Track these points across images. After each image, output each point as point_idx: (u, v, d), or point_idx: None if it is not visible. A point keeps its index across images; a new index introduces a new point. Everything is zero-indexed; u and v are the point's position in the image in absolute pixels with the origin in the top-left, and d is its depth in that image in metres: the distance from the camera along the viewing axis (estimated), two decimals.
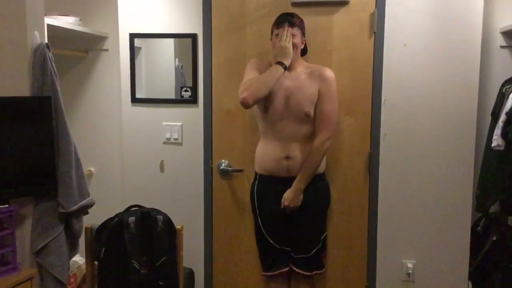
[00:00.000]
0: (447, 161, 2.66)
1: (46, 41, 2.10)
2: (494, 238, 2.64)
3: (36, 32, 2.00)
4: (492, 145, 2.49)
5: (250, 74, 2.43)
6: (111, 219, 2.27)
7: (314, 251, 2.50)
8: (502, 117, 2.45)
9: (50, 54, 2.00)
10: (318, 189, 2.51)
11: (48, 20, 2.30)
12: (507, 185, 2.52)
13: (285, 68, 2.35)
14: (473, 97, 2.61)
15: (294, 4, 2.65)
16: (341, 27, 2.65)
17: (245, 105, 2.33)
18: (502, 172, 2.53)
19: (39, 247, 1.98)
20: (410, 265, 2.73)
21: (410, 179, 2.70)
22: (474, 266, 2.73)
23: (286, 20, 2.41)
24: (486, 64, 2.76)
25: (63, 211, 2.01)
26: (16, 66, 1.95)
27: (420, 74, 2.63)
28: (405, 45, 2.62)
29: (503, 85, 2.65)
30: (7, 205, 1.90)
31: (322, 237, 2.56)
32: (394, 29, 2.61)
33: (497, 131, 2.47)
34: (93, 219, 2.32)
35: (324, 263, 2.64)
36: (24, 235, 2.00)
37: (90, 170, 3.08)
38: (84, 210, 2.12)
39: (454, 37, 2.58)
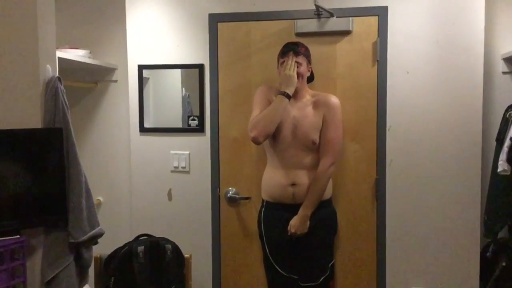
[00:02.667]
0: (453, 186, 2.66)
1: (57, 74, 2.15)
2: (504, 264, 2.62)
3: (48, 65, 2.05)
4: (498, 170, 2.50)
5: (258, 106, 2.48)
6: (120, 248, 2.29)
7: (322, 279, 2.48)
8: (507, 142, 2.47)
9: (62, 87, 2.05)
10: (324, 215, 2.52)
11: (60, 54, 2.37)
12: None
13: (289, 97, 2.39)
14: (477, 122, 2.63)
15: (298, 34, 2.71)
16: (344, 55, 2.70)
17: (256, 142, 2.39)
18: (509, 197, 2.53)
19: (50, 277, 1.99)
20: None
21: (418, 205, 2.70)
22: None
23: (291, 49, 2.46)
24: (489, 90, 2.79)
25: (73, 241, 2.02)
26: (29, 99, 2.00)
27: (424, 101, 2.66)
28: (408, 72, 2.66)
29: (506, 110, 2.67)
30: (18, 236, 1.92)
31: (330, 264, 2.55)
32: (396, 57, 2.66)
33: (503, 156, 2.48)
34: (103, 248, 2.33)
35: None
36: (34, 265, 2.01)
37: (99, 199, 3.11)
38: (94, 240, 2.13)
39: (456, 64, 2.63)
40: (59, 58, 2.32)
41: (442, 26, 2.63)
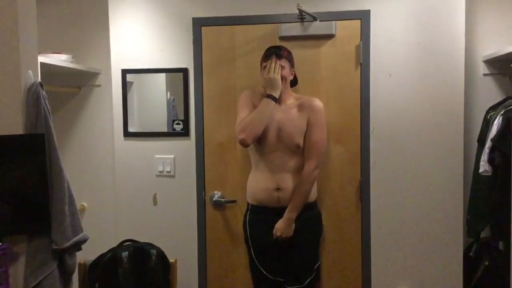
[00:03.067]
0: (437, 187, 2.70)
1: (39, 79, 2.13)
2: (486, 263, 2.66)
3: (29, 71, 2.02)
4: (480, 170, 2.54)
5: (244, 109, 2.49)
6: (104, 254, 2.27)
7: (307, 281, 2.49)
8: (488, 143, 2.51)
9: (44, 92, 2.03)
10: (309, 218, 2.53)
11: (42, 59, 2.34)
12: (496, 210, 2.55)
13: (275, 100, 2.40)
14: (459, 124, 2.67)
15: (282, 38, 2.73)
16: (328, 59, 2.73)
17: (245, 145, 2.40)
18: (490, 197, 2.57)
19: (33, 284, 1.96)
20: None
21: (401, 206, 2.73)
22: None
23: (273, 52, 2.48)
24: (470, 91, 2.84)
25: (56, 247, 2.00)
26: (10, 105, 1.97)
27: (406, 103, 2.69)
28: (390, 75, 2.69)
29: (487, 112, 2.72)
30: (0, 243, 1.90)
31: (316, 266, 2.56)
32: (379, 60, 2.69)
33: (484, 157, 2.52)
34: (87, 254, 2.31)
35: None
36: (17, 273, 1.98)
37: (83, 205, 3.08)
38: (78, 246, 2.10)
39: (438, 66, 2.66)
40: (41, 63, 2.30)
41: (423, 29, 2.67)
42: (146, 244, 2.36)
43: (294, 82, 2.62)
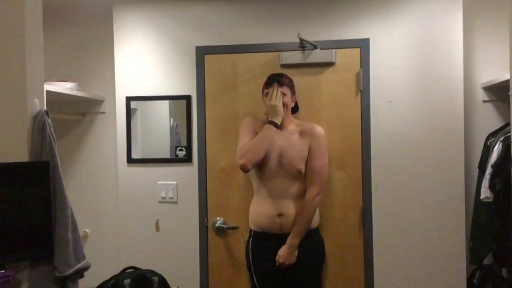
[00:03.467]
0: (438, 213, 2.70)
1: (45, 107, 2.17)
2: None
3: (36, 100, 2.07)
4: (481, 197, 2.54)
5: (245, 135, 2.52)
6: (106, 281, 2.26)
7: None
8: (488, 169, 2.51)
9: (49, 120, 2.06)
10: (312, 244, 2.53)
11: (48, 87, 2.39)
12: (498, 237, 2.55)
13: (277, 126, 2.43)
14: (459, 150, 2.68)
15: (284, 66, 2.78)
16: (328, 86, 2.77)
17: (245, 170, 2.42)
18: (492, 223, 2.57)
19: None
20: None
21: (404, 232, 2.73)
22: None
23: (275, 80, 2.52)
24: (470, 118, 2.86)
25: (59, 275, 2.00)
26: (16, 133, 2.01)
27: (407, 129, 2.72)
28: (390, 101, 2.72)
29: (487, 138, 2.74)
30: (3, 270, 1.90)
31: None
32: (379, 87, 2.73)
33: (485, 183, 2.52)
34: (89, 281, 2.31)
35: None
36: None
37: (86, 231, 3.09)
38: (80, 273, 2.11)
39: (437, 93, 2.70)
40: (47, 91, 2.33)
41: (423, 56, 2.71)
42: (148, 271, 2.36)
43: (295, 109, 2.65)
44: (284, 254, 2.43)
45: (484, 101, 2.89)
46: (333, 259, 2.75)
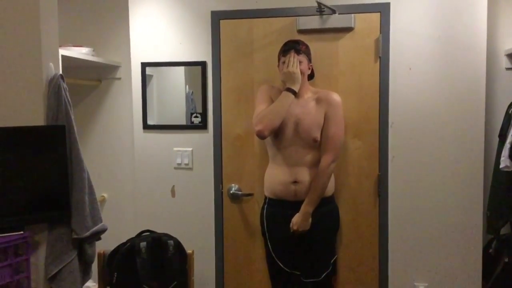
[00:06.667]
0: (456, 182, 2.66)
1: (60, 71, 2.17)
2: (506, 260, 2.62)
3: (51, 63, 2.07)
4: (500, 166, 2.49)
5: (262, 103, 2.49)
6: (123, 244, 2.31)
7: (324, 275, 2.49)
8: (509, 138, 2.46)
9: (64, 84, 2.07)
10: (326, 212, 2.53)
11: (63, 52, 2.39)
12: None
13: (295, 94, 2.40)
14: (480, 118, 2.62)
15: (300, 31, 2.72)
16: (346, 52, 2.71)
17: (261, 137, 2.40)
18: (511, 193, 2.53)
19: (53, 273, 2.01)
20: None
21: (420, 201, 2.70)
22: None
23: (292, 47, 2.47)
24: (492, 86, 2.78)
25: (76, 237, 2.05)
26: (31, 97, 2.02)
27: (426, 97, 2.66)
28: (410, 69, 2.66)
29: (509, 106, 2.66)
30: (21, 232, 1.94)
31: (332, 260, 2.57)
32: (399, 54, 2.66)
33: (505, 152, 2.47)
34: (106, 244, 2.36)
35: (334, 287, 2.64)
36: (38, 261, 2.04)
37: (103, 196, 3.14)
38: (97, 236, 2.15)
39: (459, 60, 2.62)
40: (62, 56, 2.34)
41: (444, 22, 2.62)
42: (164, 234, 2.39)
43: (311, 76, 2.61)
44: (298, 221, 2.44)
45: (507, 69, 2.81)
46: (348, 226, 2.75)
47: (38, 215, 2.01)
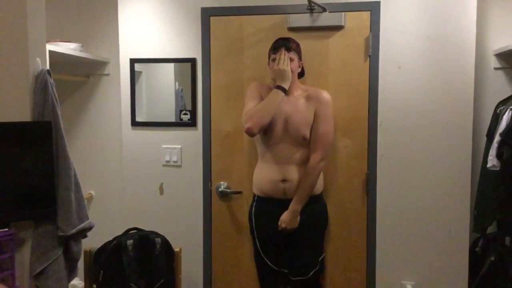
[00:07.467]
0: (443, 182, 2.67)
1: (47, 67, 2.15)
2: (492, 259, 2.64)
3: (37, 59, 2.04)
4: (488, 165, 2.50)
5: (251, 100, 2.48)
6: (109, 242, 2.29)
7: (312, 273, 2.49)
8: (497, 138, 2.47)
9: (51, 80, 2.05)
10: (315, 210, 2.53)
11: (50, 47, 2.36)
12: (503, 205, 2.53)
13: (285, 91, 2.39)
14: (468, 118, 2.64)
15: (291, 29, 2.71)
16: (337, 50, 2.70)
17: (251, 134, 2.39)
18: (498, 192, 2.54)
19: (38, 270, 1.99)
20: (409, 286, 2.73)
21: (408, 200, 2.71)
22: (473, 287, 2.72)
23: (282, 45, 2.46)
24: (480, 85, 2.80)
25: (62, 234, 2.03)
26: (18, 92, 2.00)
27: (415, 96, 2.66)
28: (399, 67, 2.66)
29: (497, 106, 2.68)
30: (6, 229, 1.92)
31: (320, 258, 2.57)
32: (388, 52, 2.66)
33: (492, 151, 2.48)
34: (93, 242, 2.34)
35: (322, 285, 2.64)
36: (23, 258, 2.02)
37: (91, 193, 3.11)
38: (83, 233, 2.14)
39: (448, 59, 2.63)
40: (50, 51, 2.31)
41: (434, 21, 2.63)
42: (151, 232, 2.38)
43: (301, 74, 2.60)
44: (287, 219, 2.44)
45: (496, 68, 2.82)
46: (336, 224, 2.76)
47: (23, 212, 1.99)
